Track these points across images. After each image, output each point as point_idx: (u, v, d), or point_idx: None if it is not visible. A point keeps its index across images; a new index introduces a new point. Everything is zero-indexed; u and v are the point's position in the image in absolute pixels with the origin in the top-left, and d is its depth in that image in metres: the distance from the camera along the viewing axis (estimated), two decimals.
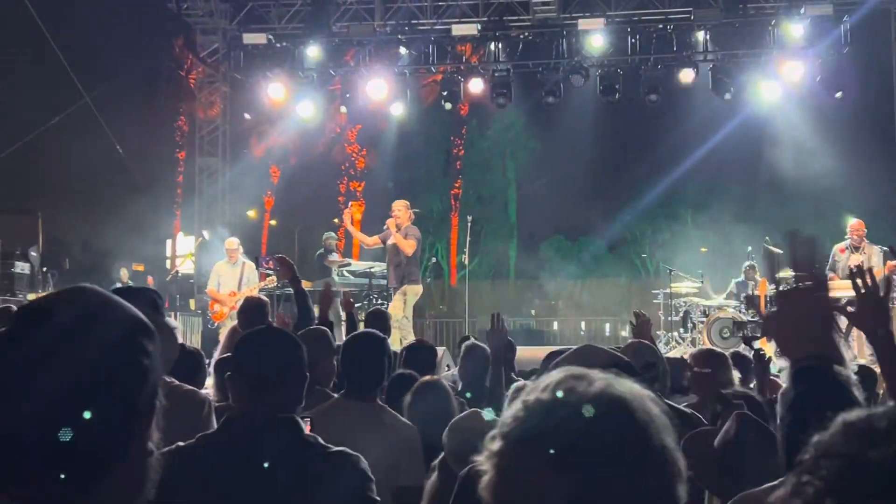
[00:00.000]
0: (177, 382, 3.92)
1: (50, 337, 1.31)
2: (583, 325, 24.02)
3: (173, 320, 8.13)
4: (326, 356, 4.85)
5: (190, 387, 4.20)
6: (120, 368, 1.34)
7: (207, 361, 5.66)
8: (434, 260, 29.99)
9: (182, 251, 18.92)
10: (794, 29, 15.07)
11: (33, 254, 14.90)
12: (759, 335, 5.55)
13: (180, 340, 5.70)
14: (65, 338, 1.31)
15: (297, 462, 2.71)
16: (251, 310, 6.90)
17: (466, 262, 15.56)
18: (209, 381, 5.80)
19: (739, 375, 5.78)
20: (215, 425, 4.34)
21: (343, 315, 9.47)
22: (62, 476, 1.28)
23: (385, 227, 12.48)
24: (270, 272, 12.68)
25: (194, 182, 20.01)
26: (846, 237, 12.33)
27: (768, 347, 10.25)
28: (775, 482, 2.75)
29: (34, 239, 15.73)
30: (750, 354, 5.75)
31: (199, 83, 20.85)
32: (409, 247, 12.21)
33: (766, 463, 2.92)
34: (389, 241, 12.37)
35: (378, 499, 2.83)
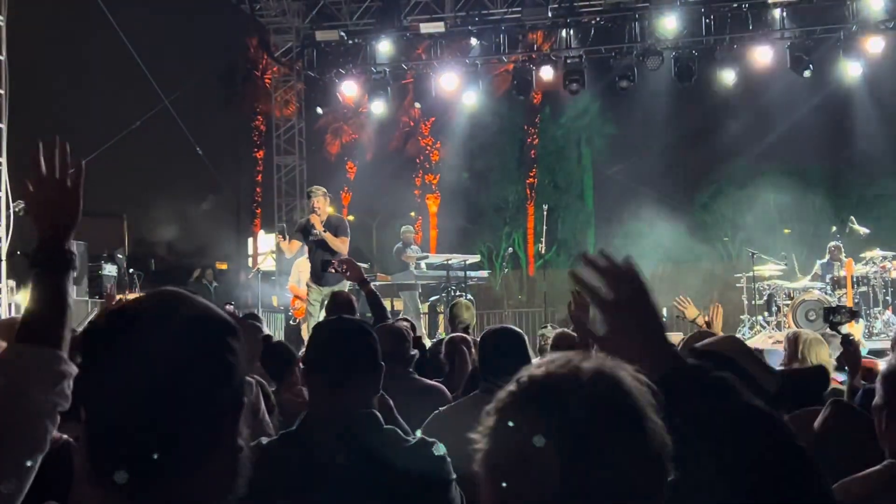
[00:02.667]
0: None
1: (139, 338, 1.36)
2: (664, 311, 23.68)
3: (258, 317, 8.26)
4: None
5: None
6: (207, 366, 1.37)
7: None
8: (511, 250, 29.87)
9: (263, 249, 19.21)
10: (874, 3, 14.65)
11: (120, 256, 15.25)
12: (845, 320, 5.42)
13: (267, 333, 5.82)
14: (153, 339, 1.35)
15: (377, 457, 2.71)
16: (339, 305, 6.97)
17: (543, 251, 15.48)
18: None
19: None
20: (263, 407, 4.44)
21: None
22: (154, 470, 1.33)
23: (307, 221, 11.16)
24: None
25: (273, 180, 20.30)
26: None
27: (856, 330, 9.97)
28: (874, 468, 2.70)
29: (120, 241, 16.09)
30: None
31: (274, 82, 21.15)
32: (343, 245, 10.82)
33: (857, 452, 2.86)
34: (314, 239, 10.99)
35: (454, 477, 2.82)
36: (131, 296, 13.81)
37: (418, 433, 2.96)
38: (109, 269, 14.68)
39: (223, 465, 1.40)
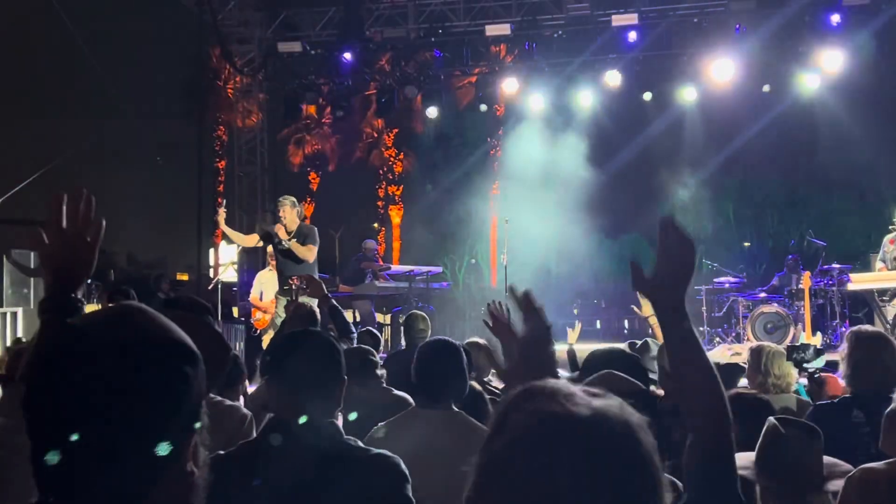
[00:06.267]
0: (219, 398, 3.97)
1: (87, 362, 1.32)
2: (626, 323, 23.78)
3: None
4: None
5: (231, 402, 4.25)
6: (153, 394, 1.33)
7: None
8: (473, 261, 29.87)
9: (224, 260, 19.07)
10: (832, 18, 14.88)
11: None
12: (810, 358, 5.47)
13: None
14: (101, 363, 1.32)
15: (337, 469, 2.71)
16: (302, 318, 6.83)
17: (505, 262, 15.49)
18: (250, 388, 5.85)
19: None
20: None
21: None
22: (102, 494, 1.30)
23: (272, 230, 10.88)
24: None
25: (234, 191, 20.17)
26: (892, 228, 12.11)
27: (814, 342, 10.06)
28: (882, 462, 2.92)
29: None
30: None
31: (236, 93, 21.03)
32: (309, 253, 10.62)
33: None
34: (279, 249, 10.81)
35: (412, 498, 2.82)
36: (90, 307, 13.68)
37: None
38: None
39: (172, 492, 1.37)
